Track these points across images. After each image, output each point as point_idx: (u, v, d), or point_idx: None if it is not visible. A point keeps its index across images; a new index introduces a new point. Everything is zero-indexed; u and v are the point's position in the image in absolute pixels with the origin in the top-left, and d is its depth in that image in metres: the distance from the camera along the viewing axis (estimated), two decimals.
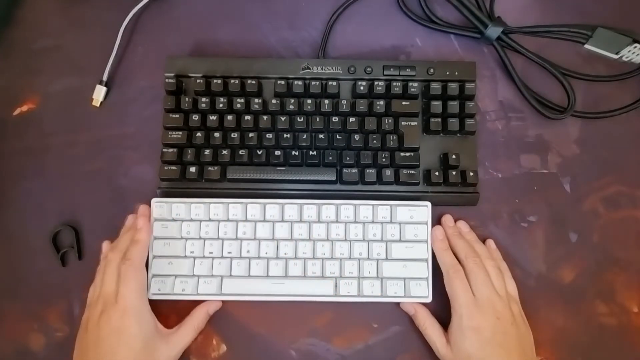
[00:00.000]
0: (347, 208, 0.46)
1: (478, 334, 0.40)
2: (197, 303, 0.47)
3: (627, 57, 0.48)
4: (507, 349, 0.40)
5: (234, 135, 0.47)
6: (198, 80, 0.48)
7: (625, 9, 0.54)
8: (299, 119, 0.48)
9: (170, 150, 0.47)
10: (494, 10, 0.53)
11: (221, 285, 0.45)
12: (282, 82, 0.48)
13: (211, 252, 0.46)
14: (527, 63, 0.51)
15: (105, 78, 0.51)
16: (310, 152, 0.47)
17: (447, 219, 0.48)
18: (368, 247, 0.46)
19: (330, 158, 0.47)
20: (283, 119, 0.47)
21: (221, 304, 0.46)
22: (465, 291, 0.41)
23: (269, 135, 0.47)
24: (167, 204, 0.46)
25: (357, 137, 0.48)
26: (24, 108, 0.51)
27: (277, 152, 0.47)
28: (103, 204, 0.49)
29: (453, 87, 0.48)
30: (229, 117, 0.47)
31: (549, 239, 0.49)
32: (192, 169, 0.47)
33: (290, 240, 0.46)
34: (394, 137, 0.47)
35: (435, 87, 0.48)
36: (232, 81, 0.48)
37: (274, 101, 0.48)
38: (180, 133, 0.47)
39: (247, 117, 0.47)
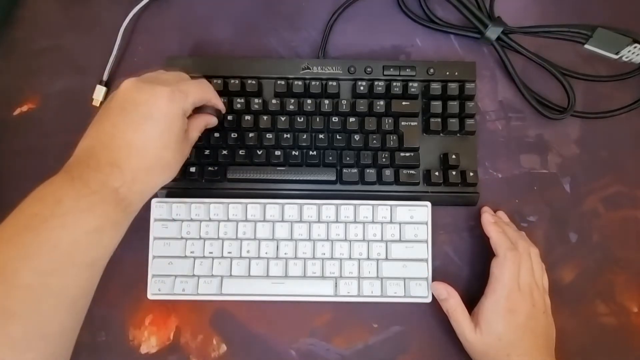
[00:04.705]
0: (347, 208, 0.46)
1: (513, 317, 0.41)
2: (197, 303, 0.47)
3: (627, 57, 0.48)
4: (535, 335, 0.42)
5: (234, 135, 0.47)
6: None
7: (625, 9, 0.54)
8: (299, 119, 0.48)
9: None
10: (494, 10, 0.53)
11: (221, 285, 0.45)
12: (282, 82, 0.48)
13: (211, 252, 0.46)
14: (527, 63, 0.51)
15: (105, 78, 0.51)
16: (310, 152, 0.47)
17: (488, 209, 0.48)
18: (368, 247, 0.46)
19: (330, 158, 0.47)
20: (283, 119, 0.47)
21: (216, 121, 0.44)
22: (513, 274, 0.42)
23: (269, 135, 0.47)
24: (167, 204, 0.46)
25: (357, 137, 0.48)
26: (24, 108, 0.51)
27: (277, 152, 0.47)
28: None
29: (453, 87, 0.48)
30: (229, 117, 0.47)
31: (549, 239, 0.49)
32: (192, 169, 0.47)
33: (290, 240, 0.46)
34: (394, 137, 0.47)
35: (435, 87, 0.48)
36: (232, 81, 0.48)
37: (274, 101, 0.48)
38: None
39: (247, 117, 0.47)
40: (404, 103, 0.48)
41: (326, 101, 0.48)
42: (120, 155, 0.35)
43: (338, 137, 0.48)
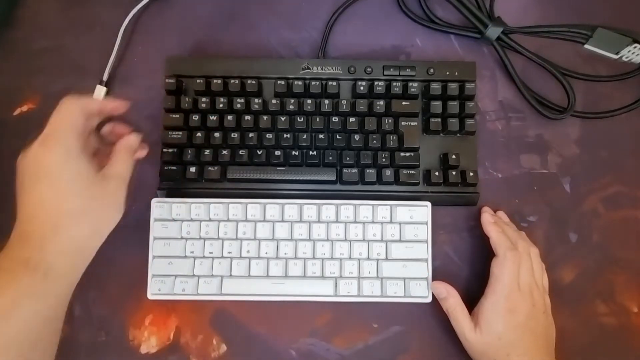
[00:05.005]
0: (347, 208, 0.46)
1: (513, 316, 0.41)
2: (197, 303, 0.47)
3: (627, 57, 0.48)
4: (535, 335, 0.42)
5: (234, 135, 0.47)
6: (198, 81, 0.48)
7: (625, 9, 0.54)
8: (299, 119, 0.48)
9: (170, 150, 0.47)
10: (494, 10, 0.53)
11: (221, 285, 0.45)
12: (282, 82, 0.48)
13: (211, 252, 0.46)
14: (527, 63, 0.51)
15: (105, 78, 0.51)
16: (310, 152, 0.47)
17: (488, 209, 0.48)
18: (368, 247, 0.46)
19: (330, 158, 0.47)
20: (283, 119, 0.47)
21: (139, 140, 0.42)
22: (513, 274, 0.42)
23: (269, 135, 0.47)
24: (167, 204, 0.46)
25: (357, 137, 0.48)
26: (24, 108, 0.51)
27: (277, 152, 0.47)
28: None
29: (453, 87, 0.48)
30: (229, 117, 0.47)
31: (549, 239, 0.49)
32: (192, 169, 0.47)
33: (290, 240, 0.46)
34: (394, 137, 0.47)
35: (435, 87, 0.48)
36: (232, 81, 0.48)
37: (274, 101, 0.48)
38: (180, 133, 0.47)
39: (247, 117, 0.47)
40: (404, 103, 0.48)
41: (326, 101, 0.48)
42: (23, 225, 0.35)
43: (338, 137, 0.48)
